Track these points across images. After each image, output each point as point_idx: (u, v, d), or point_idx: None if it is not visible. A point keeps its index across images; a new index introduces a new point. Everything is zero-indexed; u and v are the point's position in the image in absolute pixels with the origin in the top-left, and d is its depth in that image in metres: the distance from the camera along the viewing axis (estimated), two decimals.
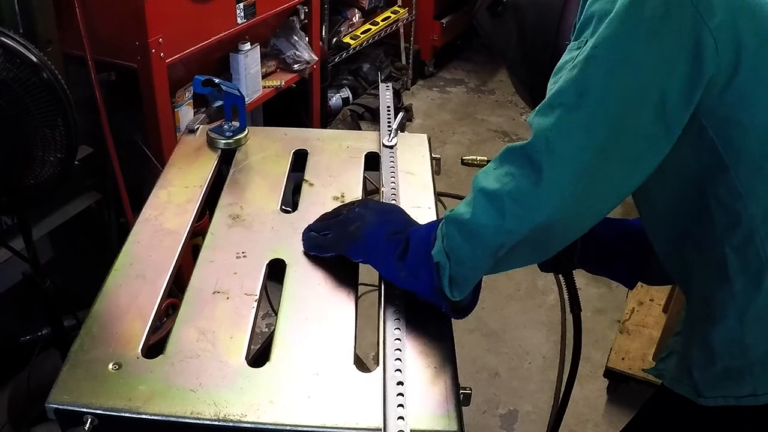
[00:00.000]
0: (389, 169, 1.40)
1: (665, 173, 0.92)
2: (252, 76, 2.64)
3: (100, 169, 2.15)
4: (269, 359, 0.99)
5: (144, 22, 2.02)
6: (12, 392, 2.07)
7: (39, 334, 2.11)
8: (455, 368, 0.99)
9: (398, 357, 0.98)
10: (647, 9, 0.84)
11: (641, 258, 1.27)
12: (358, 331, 1.06)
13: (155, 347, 1.01)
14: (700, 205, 0.96)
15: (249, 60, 2.59)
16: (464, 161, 1.41)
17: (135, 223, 1.26)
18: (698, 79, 0.86)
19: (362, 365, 1.01)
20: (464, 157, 1.43)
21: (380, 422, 0.89)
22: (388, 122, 1.53)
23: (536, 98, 1.12)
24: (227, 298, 1.09)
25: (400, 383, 0.94)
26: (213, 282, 1.12)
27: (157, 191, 1.34)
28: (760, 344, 0.96)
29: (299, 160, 1.47)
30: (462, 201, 0.99)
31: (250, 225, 1.27)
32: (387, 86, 1.67)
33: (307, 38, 2.90)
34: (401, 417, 0.89)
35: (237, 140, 1.49)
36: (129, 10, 2.03)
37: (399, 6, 4.29)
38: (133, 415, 0.90)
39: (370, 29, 4.00)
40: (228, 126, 1.51)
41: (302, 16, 2.98)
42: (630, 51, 0.86)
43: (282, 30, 2.86)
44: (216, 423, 0.89)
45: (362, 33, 3.95)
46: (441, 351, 1.02)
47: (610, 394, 2.46)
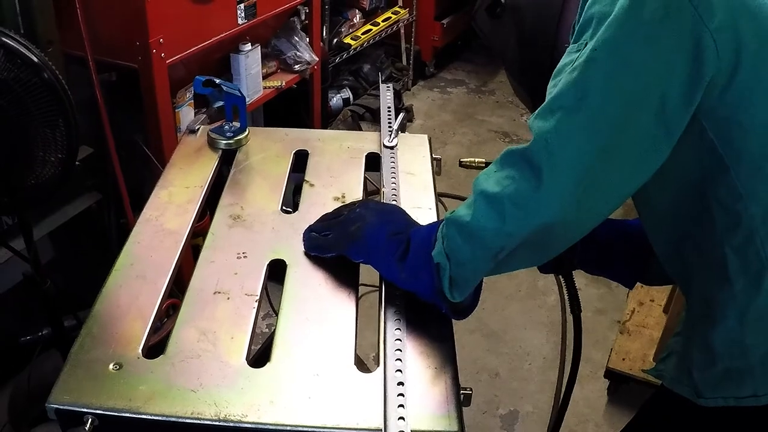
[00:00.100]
0: (390, 170, 1.40)
1: (665, 175, 0.92)
2: (253, 77, 2.64)
3: (101, 170, 2.15)
4: (270, 359, 0.99)
5: (145, 23, 2.02)
6: (12, 392, 2.07)
7: (39, 335, 2.11)
8: (456, 369, 0.99)
9: (399, 357, 0.98)
10: (647, 11, 0.84)
11: (641, 258, 1.27)
12: (359, 332, 1.06)
13: (156, 347, 1.01)
14: (701, 206, 0.96)
15: (250, 60, 2.59)
16: (462, 163, 1.40)
17: (135, 224, 1.26)
18: (698, 81, 0.86)
19: (363, 366, 1.01)
20: (462, 159, 1.42)
21: (381, 423, 0.89)
22: (389, 123, 1.53)
23: (535, 100, 1.12)
24: (228, 299, 1.10)
25: (401, 384, 0.94)
26: (214, 282, 1.12)
27: (158, 191, 1.34)
28: (761, 345, 0.96)
29: (300, 161, 1.47)
30: (462, 203, 0.99)
31: (251, 225, 1.27)
32: (387, 87, 1.67)
33: (308, 39, 2.90)
34: (402, 417, 0.89)
35: (238, 141, 1.49)
36: (130, 11, 2.03)
37: (400, 7, 4.29)
38: (134, 416, 0.90)
39: (371, 30, 4.00)
40: (229, 126, 1.51)
41: (303, 17, 2.97)
42: (630, 53, 0.85)
43: (283, 30, 2.86)
44: (216, 423, 0.89)
45: (363, 34, 3.95)
46: (441, 351, 1.02)
47: (611, 395, 2.46)
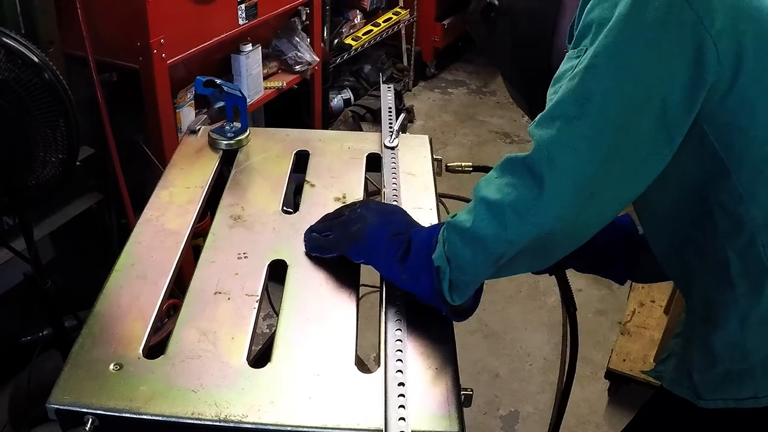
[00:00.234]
0: (391, 170, 1.40)
1: (666, 179, 0.92)
2: (253, 77, 2.64)
3: (102, 170, 2.15)
4: (270, 360, 0.99)
5: (146, 23, 2.02)
6: (13, 392, 2.07)
7: (40, 335, 2.11)
8: (456, 369, 0.99)
9: (399, 358, 0.98)
10: (647, 16, 0.83)
11: (633, 256, 1.27)
12: (359, 332, 1.06)
13: (156, 348, 1.01)
14: (702, 210, 0.96)
15: (250, 61, 2.59)
16: (449, 168, 1.39)
17: (136, 224, 1.26)
18: (700, 86, 0.85)
19: (363, 366, 1.01)
20: (448, 164, 1.40)
21: (381, 423, 0.89)
22: (390, 123, 1.53)
23: (532, 104, 1.12)
24: (228, 299, 1.09)
25: (402, 384, 0.94)
26: (214, 283, 1.12)
27: (159, 192, 1.34)
28: (762, 348, 0.96)
29: (301, 161, 1.47)
30: (463, 208, 0.99)
31: (252, 226, 1.27)
32: (388, 87, 1.67)
33: (309, 39, 2.90)
34: (402, 418, 0.89)
35: (238, 141, 1.49)
36: (131, 11, 2.03)
37: (400, 7, 4.29)
38: (134, 416, 0.90)
39: (372, 30, 4.00)
40: (229, 127, 1.51)
41: (304, 17, 2.98)
42: (630, 59, 0.85)
43: (283, 31, 2.86)
44: (217, 423, 0.89)
45: (364, 34, 3.95)
46: (442, 352, 1.01)
47: (611, 396, 2.46)
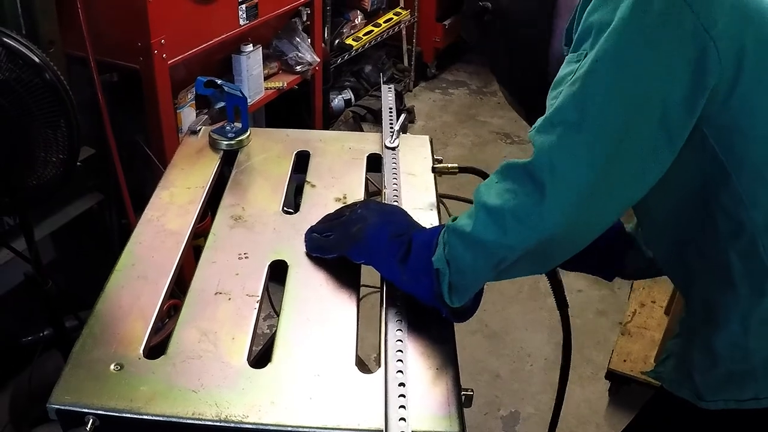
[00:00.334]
0: (391, 171, 1.40)
1: (667, 183, 0.92)
2: (254, 78, 2.64)
3: (102, 170, 2.15)
4: (271, 360, 0.99)
5: (146, 23, 2.02)
6: (13, 392, 2.07)
7: (41, 335, 2.11)
8: (457, 369, 0.99)
9: (400, 358, 0.98)
10: (648, 18, 0.83)
11: (621, 253, 1.27)
12: (360, 333, 1.06)
13: (157, 348, 1.01)
14: (703, 213, 0.96)
15: (251, 61, 2.59)
16: (435, 169, 1.38)
17: (137, 224, 1.26)
18: (701, 89, 0.85)
19: (364, 366, 1.01)
20: (434, 165, 1.39)
21: (382, 423, 0.89)
22: (390, 124, 1.53)
23: (527, 108, 1.12)
24: (229, 299, 1.10)
25: (402, 384, 0.94)
26: (215, 283, 1.12)
27: (159, 192, 1.34)
28: (763, 349, 0.96)
29: (301, 162, 1.47)
30: (464, 212, 0.99)
31: (252, 226, 1.27)
32: (389, 88, 1.67)
33: (310, 40, 2.91)
34: (403, 418, 0.89)
35: (239, 141, 1.49)
36: (131, 11, 2.03)
37: (401, 8, 4.28)
38: (135, 416, 0.90)
39: (372, 31, 4.00)
40: (230, 127, 1.51)
41: (304, 18, 2.98)
42: (631, 63, 0.84)
43: (284, 31, 2.86)
44: (217, 424, 0.89)
45: (364, 35, 3.95)
46: (442, 352, 1.01)
47: (612, 396, 2.46)
